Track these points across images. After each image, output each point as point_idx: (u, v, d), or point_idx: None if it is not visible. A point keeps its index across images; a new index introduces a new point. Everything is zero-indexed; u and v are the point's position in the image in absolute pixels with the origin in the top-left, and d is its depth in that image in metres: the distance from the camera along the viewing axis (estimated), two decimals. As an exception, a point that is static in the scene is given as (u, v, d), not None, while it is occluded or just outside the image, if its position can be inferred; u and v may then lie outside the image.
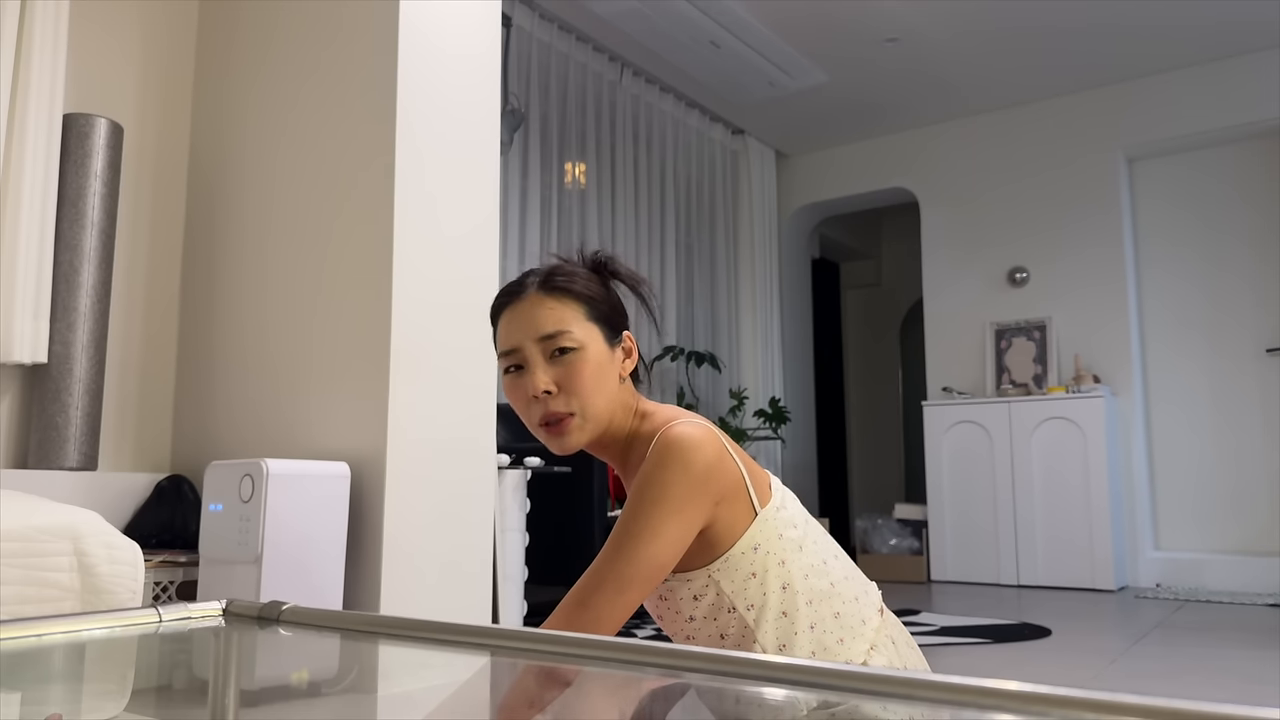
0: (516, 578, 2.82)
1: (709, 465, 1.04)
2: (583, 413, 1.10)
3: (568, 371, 1.10)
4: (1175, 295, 5.27)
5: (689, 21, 4.56)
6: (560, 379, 1.10)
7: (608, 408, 1.12)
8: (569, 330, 1.10)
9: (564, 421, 1.11)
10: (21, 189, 2.22)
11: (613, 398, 1.13)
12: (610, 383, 1.13)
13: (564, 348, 1.10)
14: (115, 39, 2.61)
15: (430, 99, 2.31)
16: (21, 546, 1.48)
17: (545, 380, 1.09)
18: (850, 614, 1.11)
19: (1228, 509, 5.02)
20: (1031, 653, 3.14)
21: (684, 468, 1.03)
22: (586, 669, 0.72)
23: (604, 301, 1.15)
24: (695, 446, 1.04)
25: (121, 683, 0.90)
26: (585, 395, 1.10)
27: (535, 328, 1.10)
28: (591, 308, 1.13)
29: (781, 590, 1.08)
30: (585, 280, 1.15)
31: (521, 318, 1.12)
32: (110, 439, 2.50)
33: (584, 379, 1.10)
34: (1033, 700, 0.51)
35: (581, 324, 1.11)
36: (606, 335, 1.13)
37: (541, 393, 1.09)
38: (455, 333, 2.31)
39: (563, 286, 1.12)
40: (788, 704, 0.62)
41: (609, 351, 1.13)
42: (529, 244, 4.46)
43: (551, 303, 1.11)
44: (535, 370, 1.10)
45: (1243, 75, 4.99)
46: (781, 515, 1.11)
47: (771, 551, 1.08)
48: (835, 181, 6.32)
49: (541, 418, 1.11)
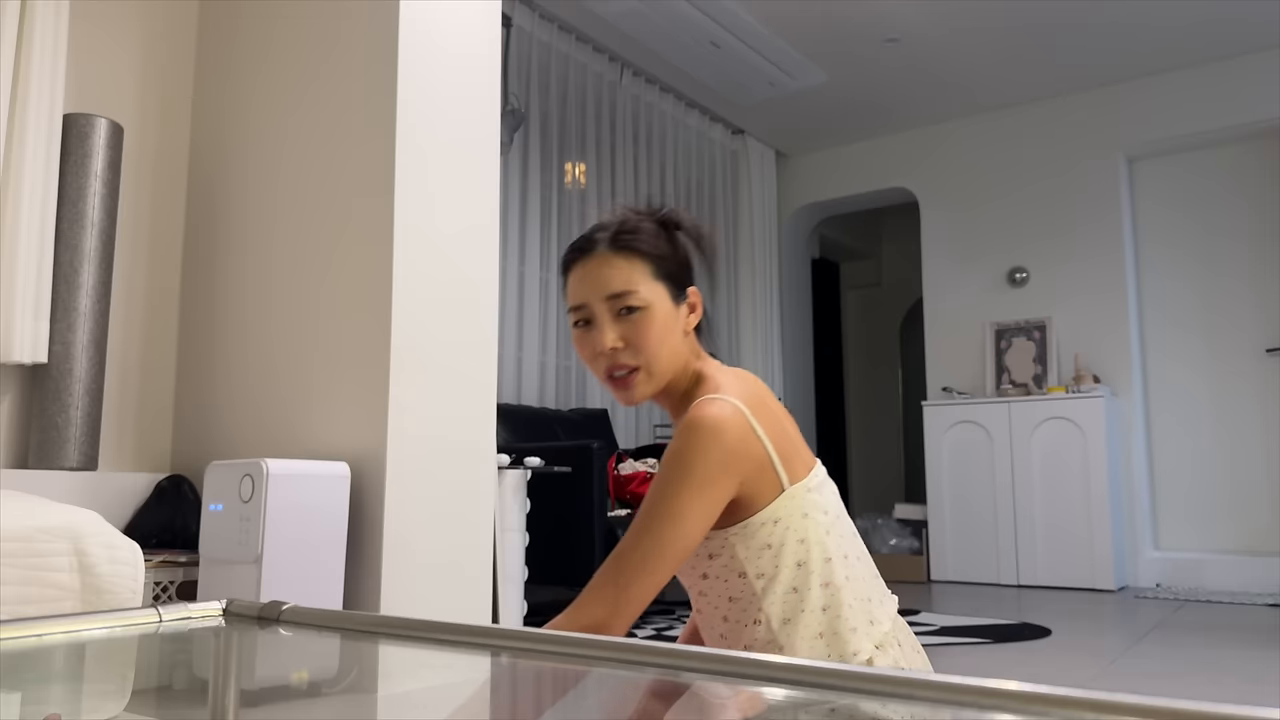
0: (516, 578, 2.82)
1: (730, 448, 1.06)
2: (648, 367, 1.14)
3: (634, 329, 1.13)
4: (1175, 295, 5.27)
5: (689, 21, 4.56)
6: (627, 335, 1.13)
7: (672, 362, 1.16)
8: (636, 290, 1.13)
9: (630, 376, 1.14)
10: (21, 189, 2.22)
11: (677, 352, 1.17)
12: (675, 338, 1.16)
13: (631, 306, 1.13)
14: (115, 39, 2.61)
15: (430, 99, 2.32)
16: (22, 546, 1.48)
17: (612, 337, 1.13)
18: (863, 611, 1.12)
19: (1227, 509, 5.02)
20: (1031, 653, 3.14)
21: (704, 451, 1.05)
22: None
23: (670, 259, 1.17)
24: (718, 430, 1.06)
25: (121, 683, 0.90)
26: (650, 351, 1.13)
27: (603, 286, 1.14)
28: (658, 265, 1.16)
29: (796, 567, 1.09)
30: (652, 237, 1.17)
31: (590, 275, 1.15)
32: (110, 439, 2.50)
33: (650, 337, 1.13)
34: (1033, 700, 0.51)
35: (648, 282, 1.14)
36: (672, 292, 1.16)
37: (609, 349, 1.13)
38: (455, 332, 2.31)
39: (631, 245, 1.15)
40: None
41: (674, 308, 1.16)
42: (529, 244, 4.46)
43: (619, 261, 1.14)
44: (603, 328, 1.14)
45: (1243, 75, 4.99)
46: (811, 497, 1.12)
47: (792, 528, 1.09)
48: (835, 181, 6.32)
49: (608, 370, 1.15)
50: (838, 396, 7.56)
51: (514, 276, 4.37)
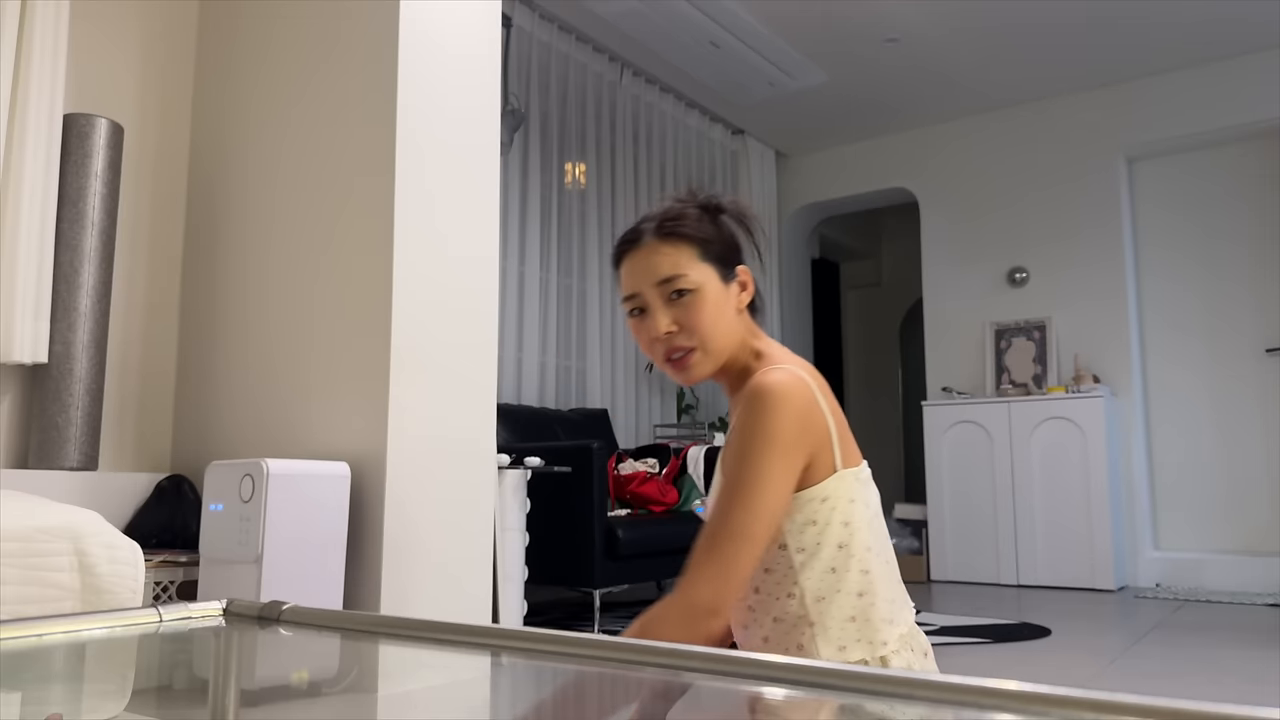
0: (516, 578, 2.82)
1: (800, 411, 1.08)
2: (704, 347, 1.16)
3: (686, 312, 1.16)
4: (1175, 295, 5.27)
5: (689, 21, 4.56)
6: (679, 319, 1.16)
7: (727, 340, 1.18)
8: (684, 273, 1.16)
9: (687, 356, 1.17)
10: (22, 189, 2.22)
11: (732, 330, 1.19)
12: (728, 317, 1.18)
13: (681, 290, 1.16)
14: (115, 39, 2.61)
15: (430, 99, 2.32)
16: (22, 546, 1.48)
17: (666, 322, 1.16)
18: (891, 610, 1.13)
19: (1227, 509, 5.02)
20: (1031, 653, 3.14)
21: (777, 413, 1.06)
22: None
23: (716, 241, 1.20)
24: (786, 394, 1.08)
25: (122, 682, 0.90)
26: (704, 331, 1.16)
27: (653, 273, 1.17)
28: (704, 248, 1.18)
29: (838, 548, 1.10)
30: (696, 221, 1.20)
31: (639, 264, 1.18)
32: (110, 439, 2.50)
33: (702, 317, 1.16)
34: (1033, 700, 0.51)
35: (696, 265, 1.17)
36: (721, 272, 1.19)
37: (663, 334, 1.16)
38: (456, 332, 2.31)
39: (676, 231, 1.18)
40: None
41: (724, 288, 1.19)
42: (529, 244, 4.46)
43: (666, 248, 1.17)
44: (656, 314, 1.17)
45: (1243, 75, 4.99)
46: (858, 487, 1.13)
47: (839, 509, 1.11)
48: (835, 181, 6.32)
49: (666, 353, 1.18)
50: (838, 397, 7.54)
51: (514, 276, 4.37)
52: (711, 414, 5.59)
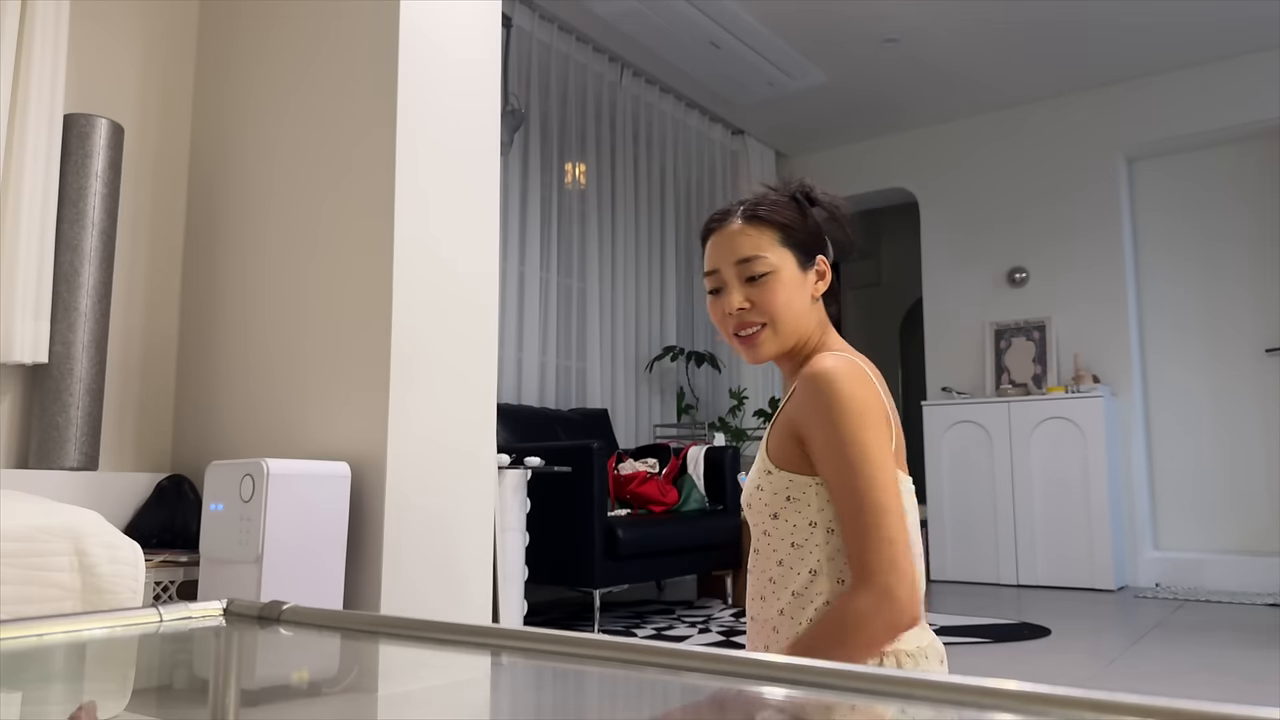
0: (516, 578, 2.83)
1: (864, 388, 1.11)
2: (773, 325, 1.20)
3: (761, 292, 1.19)
4: (1175, 295, 5.27)
5: (689, 21, 4.56)
6: (754, 298, 1.20)
7: (798, 323, 1.21)
8: (763, 255, 1.19)
9: (756, 334, 1.20)
10: (22, 189, 2.22)
11: (804, 315, 1.21)
12: (801, 302, 1.21)
13: (758, 272, 1.19)
14: (116, 39, 2.61)
15: (430, 99, 2.32)
16: (22, 546, 1.48)
17: (739, 300, 1.20)
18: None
19: (1227, 509, 5.02)
20: (1031, 652, 3.14)
21: (848, 393, 1.09)
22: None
23: (800, 229, 1.22)
24: (847, 374, 1.11)
25: (122, 682, 0.90)
26: (775, 311, 1.19)
27: (734, 252, 1.21)
28: (786, 234, 1.21)
29: None
30: (783, 208, 1.23)
31: (723, 243, 1.22)
32: (111, 439, 2.50)
33: (776, 298, 1.19)
34: (1033, 700, 0.51)
35: (776, 249, 1.20)
36: (800, 259, 1.22)
37: (736, 310, 1.20)
38: (455, 332, 2.31)
39: (761, 215, 1.22)
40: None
41: (800, 274, 1.21)
42: (529, 244, 4.46)
43: (750, 230, 1.21)
44: (732, 291, 1.21)
45: (1243, 75, 4.99)
46: (903, 489, 1.13)
47: None
48: (835, 181, 6.32)
49: (735, 328, 1.22)
50: (838, 396, 7.55)
51: (514, 276, 4.37)
52: (711, 414, 5.59)
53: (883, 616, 1.02)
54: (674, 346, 5.13)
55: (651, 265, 5.30)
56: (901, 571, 1.03)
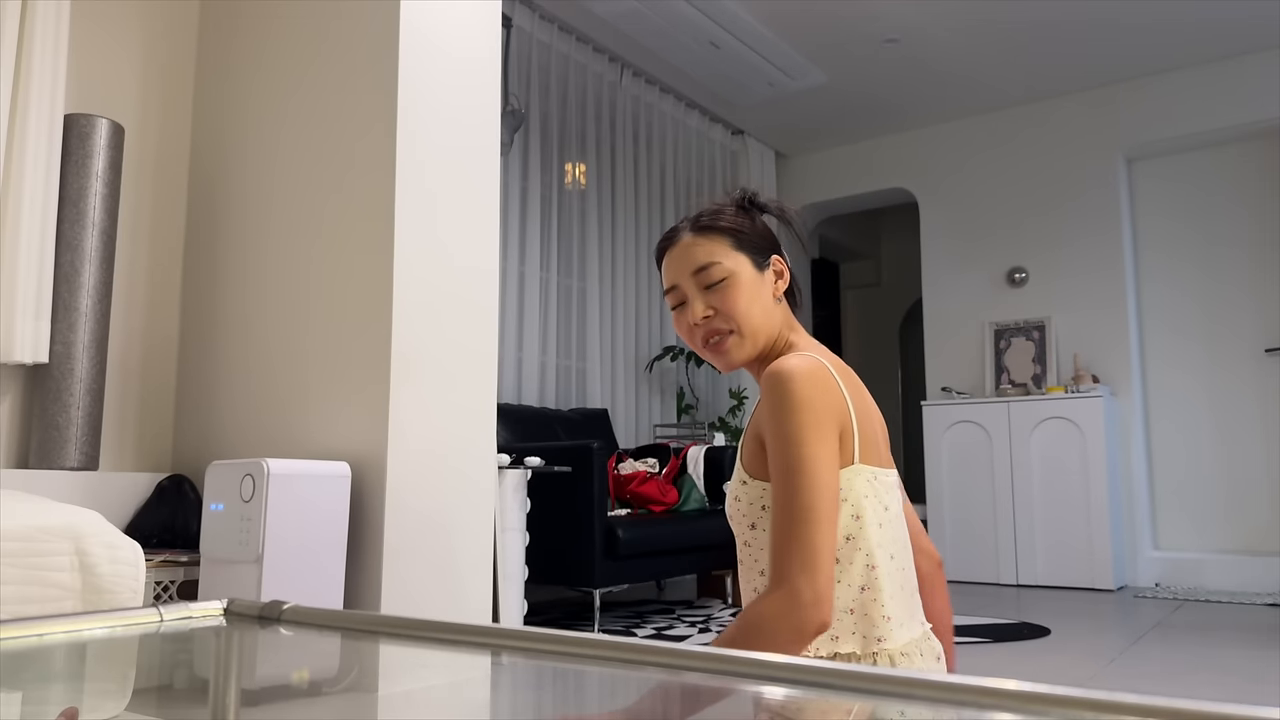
0: (516, 578, 2.83)
1: (822, 390, 1.09)
2: (740, 329, 1.19)
3: (722, 298, 1.19)
4: (1174, 295, 5.27)
5: (689, 22, 4.56)
6: (715, 304, 1.20)
7: (764, 324, 1.21)
8: (718, 262, 1.20)
9: (723, 341, 1.20)
10: (23, 189, 2.22)
11: (768, 315, 1.21)
12: (763, 302, 1.21)
13: (715, 279, 1.20)
14: (116, 39, 2.61)
15: (430, 100, 2.32)
16: (22, 546, 1.48)
17: (702, 308, 1.20)
18: (901, 609, 1.12)
19: (1226, 509, 5.02)
20: (1031, 652, 3.14)
21: (803, 395, 1.07)
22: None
23: (749, 231, 1.23)
24: (806, 375, 1.09)
25: (122, 682, 0.90)
26: (740, 315, 1.19)
27: (689, 263, 1.21)
28: (737, 239, 1.22)
29: (845, 540, 1.09)
30: (730, 215, 1.24)
31: (677, 258, 1.23)
32: (111, 439, 2.50)
33: (737, 302, 1.19)
34: (1032, 700, 0.51)
35: (729, 254, 1.21)
36: (755, 261, 1.22)
37: (701, 319, 1.20)
38: (456, 332, 2.31)
39: (709, 224, 1.23)
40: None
41: (758, 275, 1.22)
42: (529, 244, 4.46)
43: (701, 240, 1.22)
44: (694, 301, 1.21)
45: (1243, 75, 4.99)
46: (877, 485, 1.12)
47: (850, 500, 1.10)
48: (835, 181, 6.32)
49: (704, 337, 1.22)
50: (838, 396, 7.55)
51: (514, 276, 4.37)
52: (711, 414, 5.59)
53: (789, 620, 1.00)
54: (674, 346, 5.14)
55: (651, 265, 5.29)
56: (814, 576, 1.00)
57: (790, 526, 1.03)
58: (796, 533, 1.03)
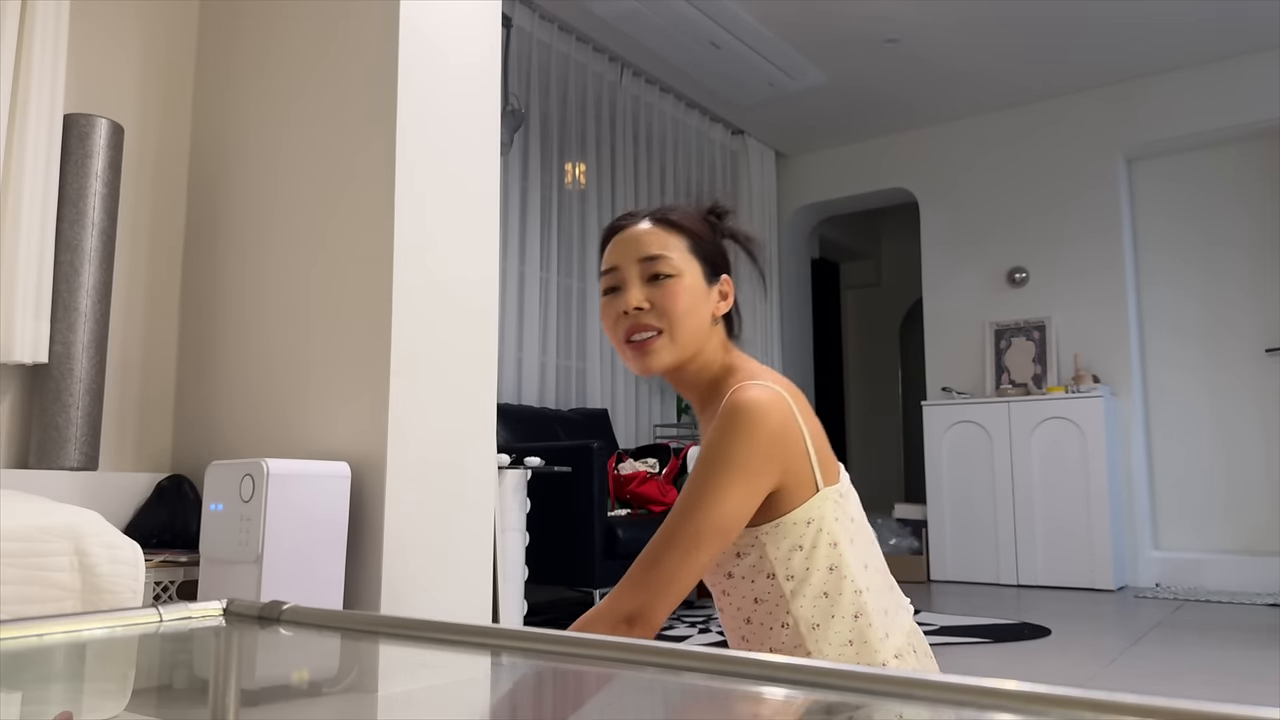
0: (516, 578, 2.82)
1: (775, 431, 1.04)
2: (670, 332, 1.12)
3: (663, 293, 1.13)
4: (1175, 295, 5.27)
5: (689, 22, 4.56)
6: (654, 299, 1.13)
7: (695, 336, 1.14)
8: (669, 255, 1.13)
9: (650, 340, 1.13)
10: (22, 189, 2.22)
11: (702, 329, 1.15)
12: (702, 314, 1.15)
13: (662, 273, 1.13)
14: (115, 39, 2.61)
15: (430, 99, 2.32)
16: (22, 546, 1.48)
17: (639, 298, 1.13)
18: (887, 619, 1.11)
19: (1227, 509, 5.02)
20: (1031, 652, 3.14)
21: (750, 432, 1.03)
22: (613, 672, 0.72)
23: (709, 242, 1.18)
24: (763, 411, 1.04)
25: (122, 682, 0.90)
26: (676, 317, 1.12)
27: (639, 249, 1.14)
28: (695, 243, 1.16)
29: (828, 571, 1.07)
30: (695, 219, 1.18)
31: (627, 240, 1.16)
32: (111, 439, 2.50)
33: (677, 302, 1.12)
34: (1033, 700, 0.51)
35: (683, 254, 1.15)
36: (705, 272, 1.16)
37: (633, 308, 1.12)
38: (456, 332, 2.31)
39: (672, 220, 1.17)
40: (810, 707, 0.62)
41: (705, 287, 1.16)
42: (529, 244, 4.46)
43: (659, 230, 1.16)
44: (631, 288, 1.13)
45: (1243, 75, 4.99)
46: (842, 502, 1.10)
47: (825, 530, 1.07)
48: (835, 181, 6.32)
49: (628, 331, 1.14)
50: (838, 396, 7.56)
51: (514, 276, 4.37)
52: (711, 414, 5.59)
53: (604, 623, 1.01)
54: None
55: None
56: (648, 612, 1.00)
57: (661, 551, 1.02)
58: (661, 560, 1.01)
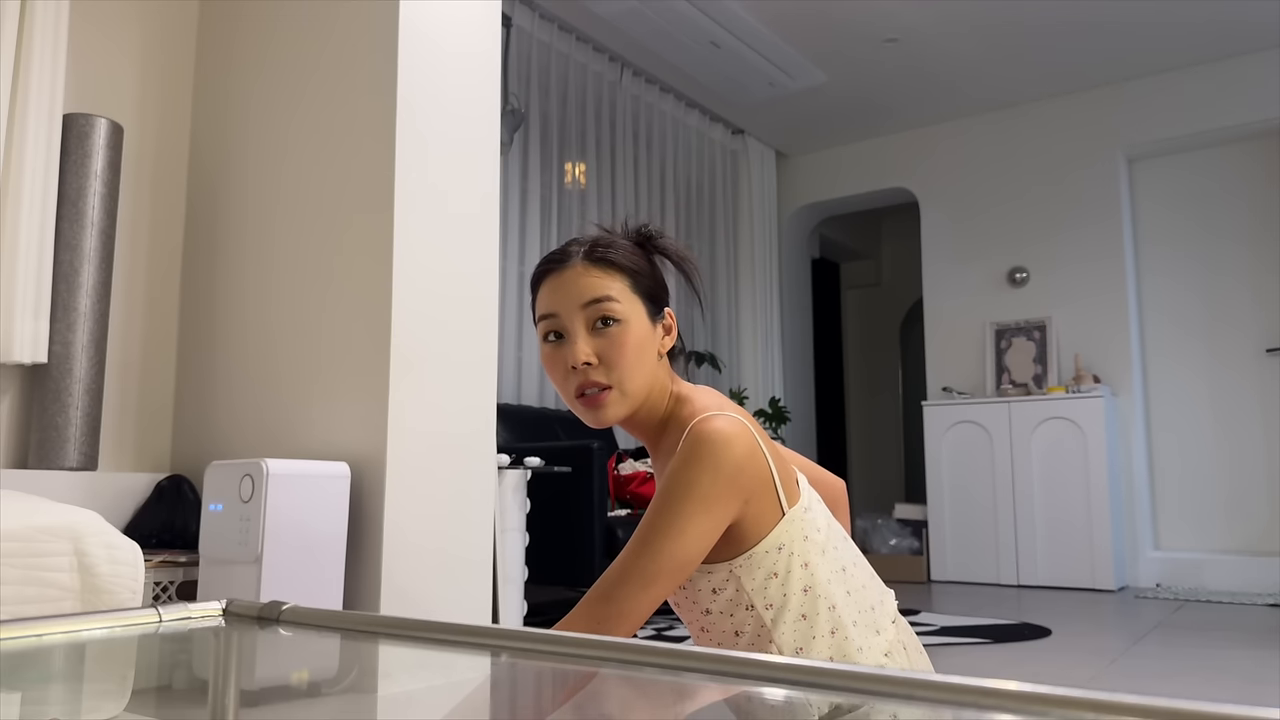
0: (516, 578, 2.82)
1: (738, 463, 1.02)
2: (621, 386, 1.09)
3: (610, 343, 1.08)
4: (1175, 295, 5.27)
5: (689, 21, 4.56)
6: (601, 351, 1.08)
7: (646, 383, 1.11)
8: (615, 300, 1.08)
9: (602, 395, 1.09)
10: (21, 189, 2.22)
11: (651, 374, 1.11)
12: (650, 358, 1.11)
13: (607, 318, 1.08)
14: (115, 39, 2.61)
15: (430, 99, 2.31)
16: (21, 546, 1.48)
17: (587, 351, 1.08)
18: (868, 622, 1.10)
19: (1227, 509, 5.02)
20: (1031, 653, 3.14)
21: (714, 464, 1.01)
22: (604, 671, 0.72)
23: (648, 275, 1.13)
24: (726, 443, 1.02)
25: (121, 683, 0.90)
26: (625, 369, 1.08)
27: (580, 294, 1.08)
28: (635, 281, 1.11)
29: (803, 593, 1.06)
30: (630, 252, 1.13)
31: (564, 284, 1.10)
32: (110, 439, 2.50)
33: (626, 353, 1.08)
34: (1033, 700, 0.51)
35: (625, 294, 1.10)
36: (649, 310, 1.12)
37: (582, 364, 1.07)
38: (455, 332, 2.31)
39: (608, 258, 1.10)
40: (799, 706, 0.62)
41: (650, 327, 1.12)
42: (529, 244, 4.46)
43: (597, 272, 1.09)
44: (577, 340, 1.08)
45: (1243, 75, 4.99)
46: (808, 517, 1.09)
47: (795, 553, 1.06)
48: (835, 181, 6.32)
49: (579, 388, 1.09)
50: (838, 396, 7.56)
51: (514, 276, 4.37)
52: (711, 414, 5.58)
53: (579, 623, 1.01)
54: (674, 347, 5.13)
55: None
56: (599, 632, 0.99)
57: (618, 580, 1.01)
58: (620, 591, 1.00)
